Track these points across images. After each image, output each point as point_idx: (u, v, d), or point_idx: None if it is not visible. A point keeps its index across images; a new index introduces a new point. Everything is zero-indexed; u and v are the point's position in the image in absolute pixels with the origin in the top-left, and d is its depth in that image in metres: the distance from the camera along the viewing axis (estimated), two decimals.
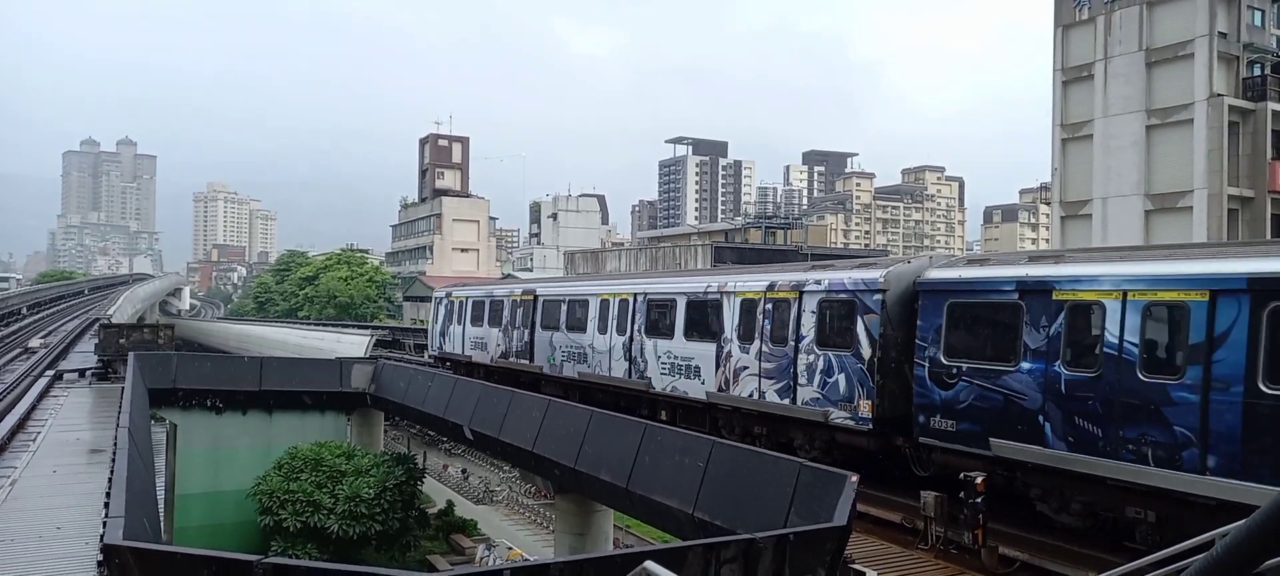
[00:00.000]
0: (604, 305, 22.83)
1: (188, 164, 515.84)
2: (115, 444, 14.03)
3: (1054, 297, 11.95)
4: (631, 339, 21.49)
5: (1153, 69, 38.93)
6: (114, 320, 49.40)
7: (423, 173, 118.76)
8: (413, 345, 60.36)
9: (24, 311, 70.85)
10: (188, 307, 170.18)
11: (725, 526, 11.71)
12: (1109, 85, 40.34)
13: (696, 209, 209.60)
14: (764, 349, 16.97)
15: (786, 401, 16.30)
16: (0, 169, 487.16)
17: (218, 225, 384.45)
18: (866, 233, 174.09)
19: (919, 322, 13.92)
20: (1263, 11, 39.95)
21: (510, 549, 31.43)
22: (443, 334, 34.06)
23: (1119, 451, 10.89)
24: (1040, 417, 11.82)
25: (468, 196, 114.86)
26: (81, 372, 30.59)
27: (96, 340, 33.86)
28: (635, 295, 21.74)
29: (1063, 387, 11.63)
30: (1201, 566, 3.96)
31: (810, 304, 16.10)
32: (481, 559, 29.86)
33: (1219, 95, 36.92)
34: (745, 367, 17.45)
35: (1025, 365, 12.14)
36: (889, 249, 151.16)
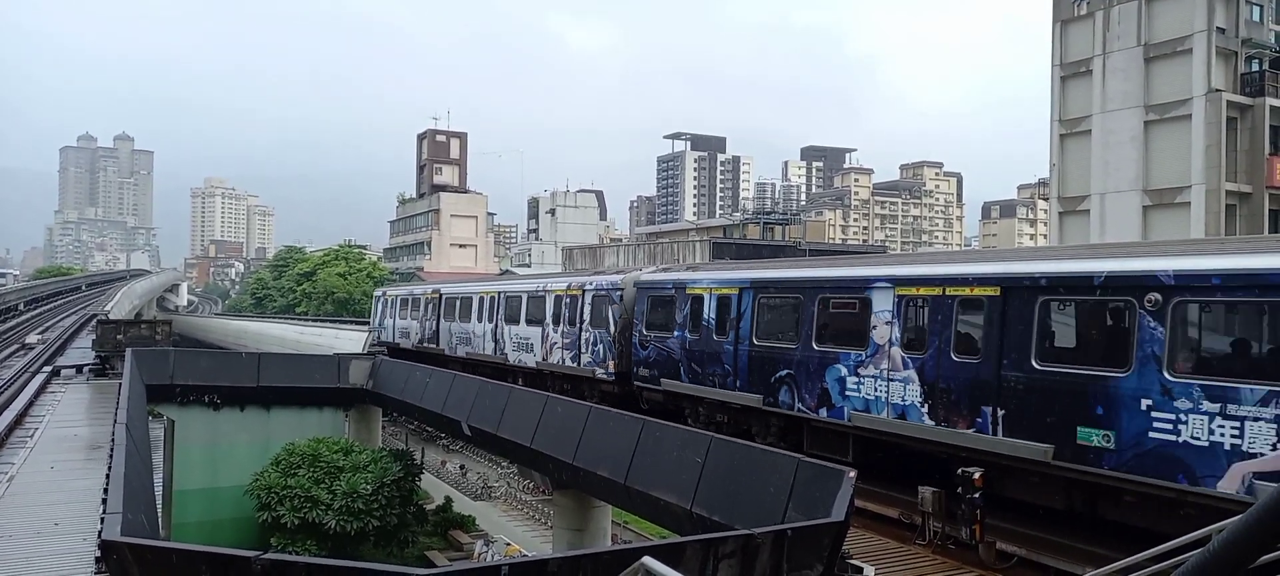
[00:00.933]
0: (480, 301, 30.17)
1: (185, 159, 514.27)
2: (113, 440, 13.99)
3: (687, 292, 19.24)
4: (496, 326, 28.57)
5: (1151, 64, 38.94)
6: (111, 316, 49.35)
7: (420, 168, 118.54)
8: None
9: (21, 307, 70.69)
10: (185, 304, 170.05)
11: (723, 522, 11.72)
12: (1107, 81, 40.35)
13: (695, 205, 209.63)
14: (564, 329, 24.12)
15: (575, 365, 23.56)
16: None
17: (215, 221, 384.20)
18: (865, 228, 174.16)
19: (635, 309, 21.07)
20: (1261, 7, 39.96)
21: (509, 545, 31.47)
22: (380, 325, 42.10)
23: (707, 382, 18.20)
24: (680, 365, 19.10)
25: (466, 192, 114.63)
26: (79, 369, 30.54)
27: (94, 336, 33.81)
28: (498, 294, 29.05)
29: (689, 346, 18.86)
30: (1197, 562, 3.97)
31: (587, 298, 23.17)
32: (480, 555, 29.89)
33: (1217, 91, 36.95)
34: (556, 343, 24.63)
35: (675, 333, 19.38)
36: (888, 244, 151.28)
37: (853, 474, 10.09)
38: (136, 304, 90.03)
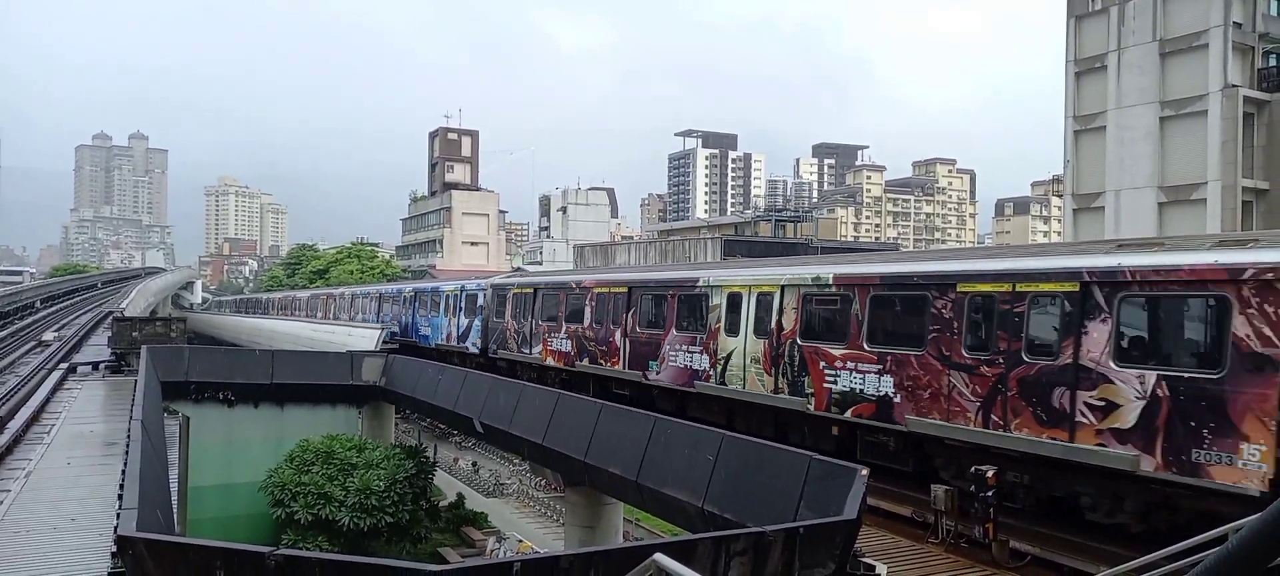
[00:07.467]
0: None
1: (198, 159, 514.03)
2: (128, 436, 14.10)
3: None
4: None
5: (1166, 60, 38.59)
6: (127, 313, 49.59)
7: (432, 166, 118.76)
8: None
9: (38, 305, 71.23)
10: (200, 301, 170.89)
11: (735, 519, 11.71)
12: (1122, 76, 40.02)
13: (707, 202, 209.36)
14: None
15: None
16: (13, 163, 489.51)
17: (229, 219, 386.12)
18: (877, 226, 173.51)
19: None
20: (1278, 1, 39.55)
21: (521, 542, 31.56)
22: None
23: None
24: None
25: (478, 190, 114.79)
26: (95, 366, 30.79)
27: (109, 333, 34.10)
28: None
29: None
30: (1214, 561, 3.93)
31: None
32: (492, 551, 29.99)
33: (1234, 86, 36.58)
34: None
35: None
36: (900, 242, 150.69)
37: (865, 472, 10.06)
38: (152, 301, 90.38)
